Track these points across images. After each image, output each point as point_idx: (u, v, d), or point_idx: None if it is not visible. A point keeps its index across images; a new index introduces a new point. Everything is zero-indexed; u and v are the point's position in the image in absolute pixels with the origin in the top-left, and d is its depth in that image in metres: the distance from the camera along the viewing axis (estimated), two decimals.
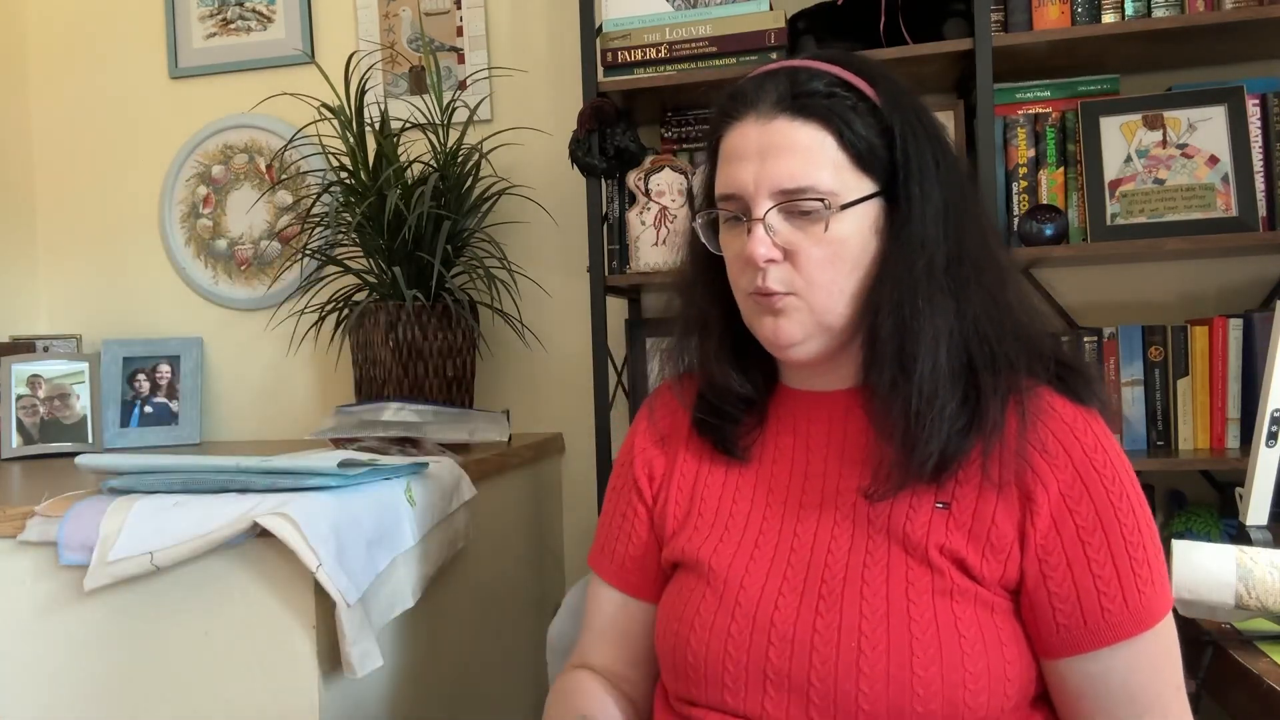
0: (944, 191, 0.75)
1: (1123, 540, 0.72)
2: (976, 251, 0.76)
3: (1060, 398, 0.75)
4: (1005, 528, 0.73)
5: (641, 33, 1.67)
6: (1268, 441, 1.10)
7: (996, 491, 0.73)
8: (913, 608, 0.72)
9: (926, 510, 0.74)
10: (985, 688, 0.71)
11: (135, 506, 1.03)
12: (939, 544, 0.73)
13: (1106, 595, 0.71)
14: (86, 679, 1.07)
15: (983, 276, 0.75)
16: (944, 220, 0.75)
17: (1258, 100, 1.56)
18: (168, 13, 2.16)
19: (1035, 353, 0.76)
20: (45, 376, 1.92)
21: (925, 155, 0.76)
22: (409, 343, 1.71)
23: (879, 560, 0.75)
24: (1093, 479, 0.73)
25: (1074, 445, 0.73)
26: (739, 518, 0.83)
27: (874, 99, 0.77)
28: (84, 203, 2.23)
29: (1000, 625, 0.73)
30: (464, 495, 1.37)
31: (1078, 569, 0.72)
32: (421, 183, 1.71)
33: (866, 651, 0.72)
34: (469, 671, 1.45)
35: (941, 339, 0.73)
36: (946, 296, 0.74)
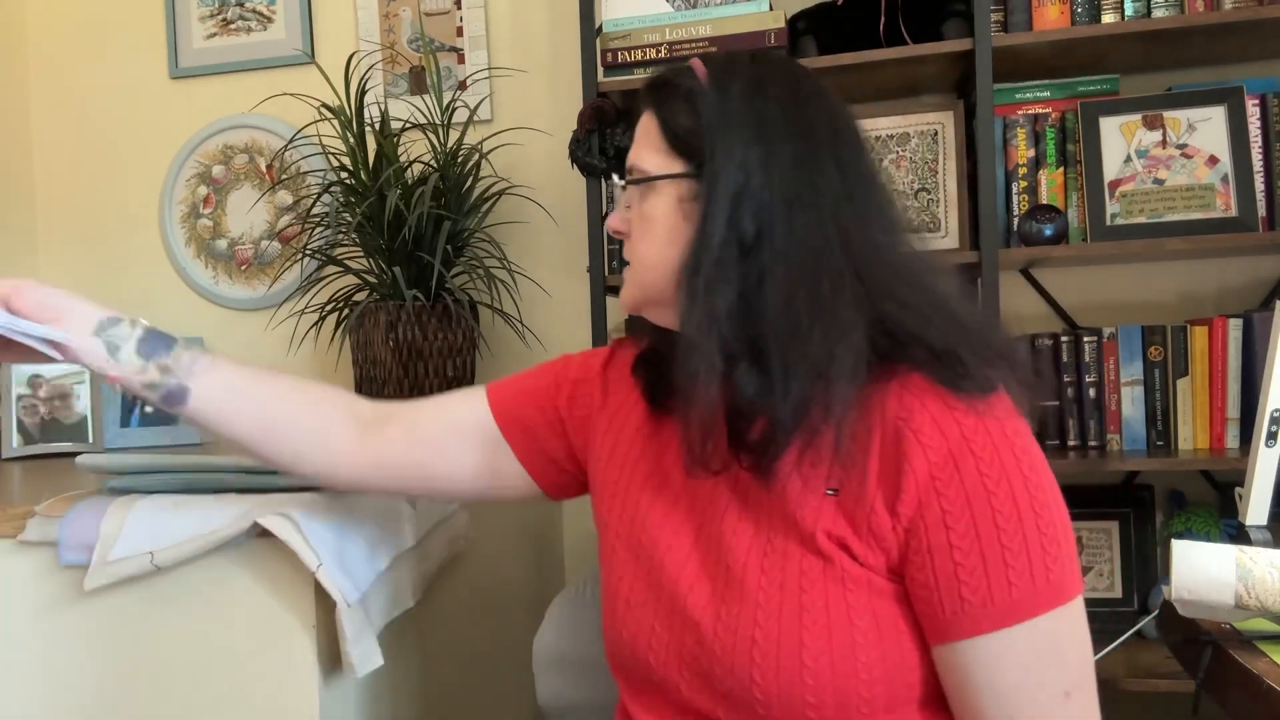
0: (744, 177, 0.74)
1: (995, 529, 0.68)
2: (800, 238, 0.73)
3: (938, 385, 0.72)
4: (882, 514, 0.71)
5: (641, 33, 1.67)
6: (1267, 441, 1.10)
7: (878, 474, 0.71)
8: (805, 596, 0.71)
9: (817, 496, 0.73)
10: (881, 678, 0.70)
11: (135, 506, 1.03)
12: (826, 530, 0.72)
13: (968, 585, 0.68)
14: (86, 679, 1.07)
15: (801, 261, 0.72)
16: (737, 205, 0.73)
17: (1257, 100, 1.56)
18: (168, 13, 2.16)
19: (916, 342, 0.72)
20: (46, 376, 1.92)
21: (728, 141, 0.75)
22: (409, 343, 1.71)
23: (778, 548, 0.74)
24: (967, 459, 0.69)
25: (951, 428, 0.70)
26: (654, 488, 0.84)
27: (703, 86, 0.78)
28: (84, 203, 2.23)
29: (897, 612, 0.71)
30: None
31: (939, 555, 0.69)
32: (421, 183, 1.71)
33: (759, 641, 0.72)
34: (469, 671, 1.45)
35: (715, 317, 0.72)
36: (724, 282, 0.73)
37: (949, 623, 0.69)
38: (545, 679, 1.15)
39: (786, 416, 0.71)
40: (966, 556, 0.68)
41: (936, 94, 1.78)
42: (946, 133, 1.66)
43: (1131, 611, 1.65)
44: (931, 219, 1.67)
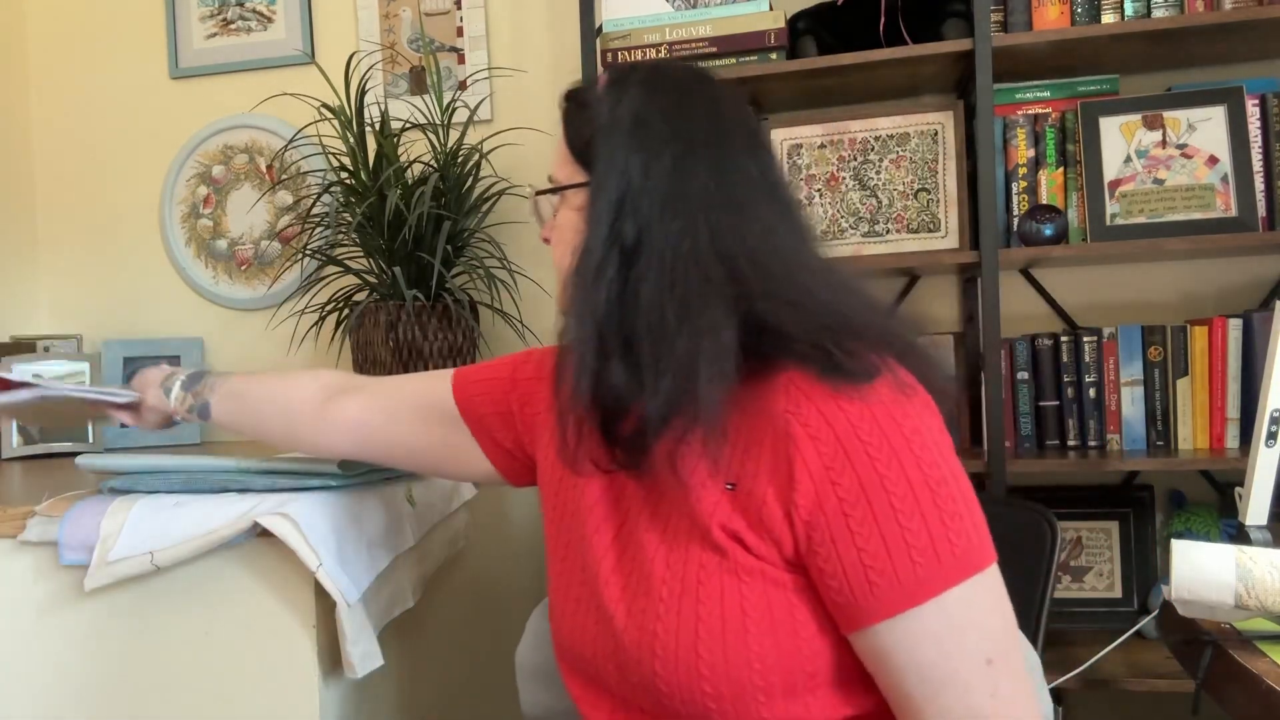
0: (625, 183, 0.76)
1: (891, 509, 0.69)
2: (674, 241, 0.74)
3: (827, 375, 0.73)
4: (774, 507, 0.72)
5: (641, 33, 1.67)
6: (1267, 441, 1.10)
7: (771, 467, 0.73)
8: (701, 589, 0.73)
9: (716, 491, 0.75)
10: (775, 666, 0.71)
11: (135, 506, 1.03)
12: (721, 524, 0.74)
13: (874, 569, 0.69)
14: (87, 679, 1.07)
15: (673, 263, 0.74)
16: (619, 210, 0.76)
17: (1257, 100, 1.56)
18: (168, 13, 2.16)
19: (799, 337, 0.73)
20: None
21: (613, 148, 0.77)
22: (409, 343, 1.71)
23: (681, 543, 0.76)
24: (855, 448, 0.70)
25: (838, 417, 0.71)
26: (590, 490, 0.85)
27: (598, 98, 0.81)
28: (84, 203, 2.23)
29: (795, 603, 0.72)
30: (464, 495, 1.37)
31: (841, 543, 0.69)
32: (422, 183, 1.71)
33: (660, 634, 0.74)
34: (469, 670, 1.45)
35: (593, 316, 0.75)
36: (603, 283, 0.75)
37: (861, 608, 0.70)
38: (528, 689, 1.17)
39: (654, 413, 0.73)
40: (868, 541, 0.69)
41: (936, 94, 1.78)
42: (946, 133, 1.66)
43: (1131, 611, 1.65)
44: (931, 219, 1.67)
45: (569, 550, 0.86)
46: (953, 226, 1.66)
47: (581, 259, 0.77)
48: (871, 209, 1.69)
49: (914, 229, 1.67)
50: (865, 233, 1.69)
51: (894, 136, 1.68)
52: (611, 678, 0.79)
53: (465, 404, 1.00)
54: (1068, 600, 1.68)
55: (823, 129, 1.71)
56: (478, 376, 1.02)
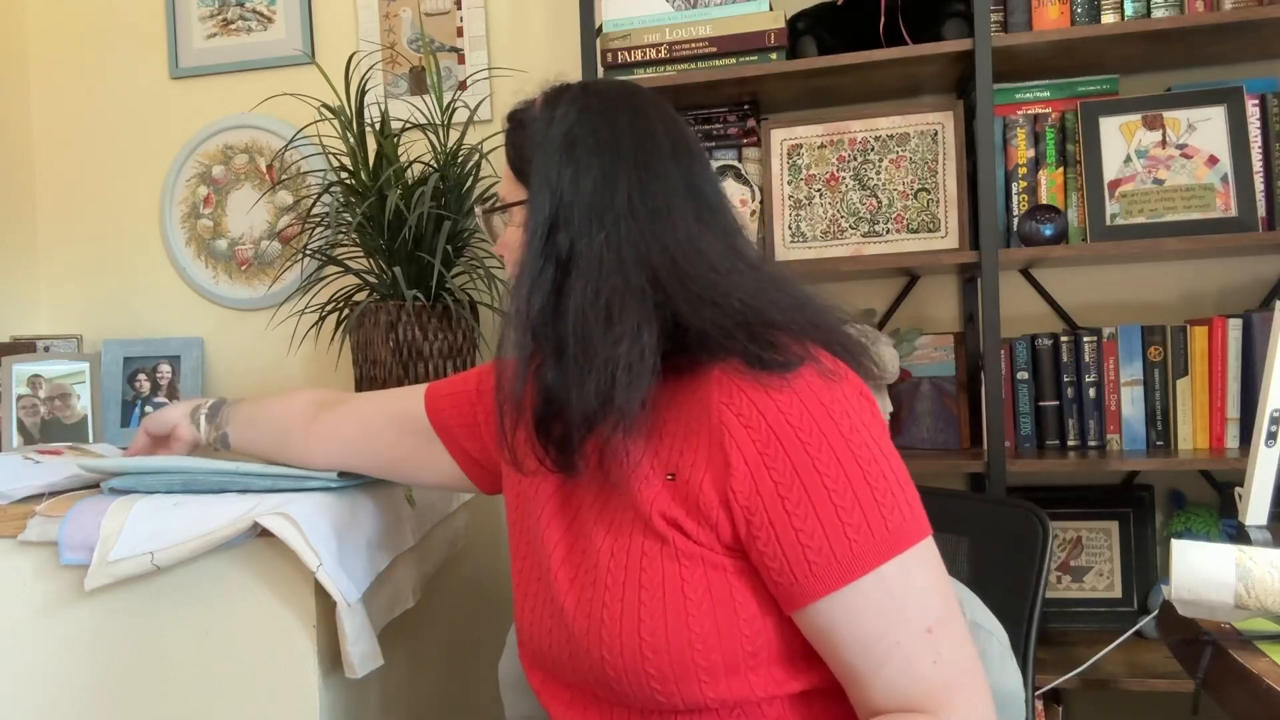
0: (556, 198, 0.80)
1: (824, 490, 0.72)
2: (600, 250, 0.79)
3: (754, 368, 0.76)
4: (710, 494, 0.75)
5: (641, 33, 1.67)
6: (1267, 441, 1.10)
7: (707, 458, 0.76)
8: (644, 575, 0.76)
9: (658, 482, 0.78)
10: (716, 645, 0.74)
11: (135, 506, 1.03)
12: (661, 512, 0.77)
13: (811, 549, 0.72)
14: (86, 679, 1.07)
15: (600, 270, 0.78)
16: (551, 225, 0.80)
17: (1257, 100, 1.56)
18: (168, 13, 2.16)
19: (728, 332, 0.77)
20: (46, 376, 1.92)
21: (546, 165, 0.82)
22: (409, 343, 1.71)
23: (625, 533, 0.79)
24: (787, 434, 0.73)
25: (768, 406, 0.74)
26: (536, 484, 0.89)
27: (534, 117, 0.86)
28: (84, 203, 2.23)
29: (734, 584, 0.75)
30: (464, 495, 1.37)
31: (779, 526, 0.73)
32: (422, 183, 1.71)
33: (606, 621, 0.77)
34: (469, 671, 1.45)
35: (527, 323, 0.79)
36: (537, 292, 0.79)
37: (802, 587, 0.73)
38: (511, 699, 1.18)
39: (579, 414, 0.77)
40: (804, 522, 0.72)
41: (936, 94, 1.78)
42: (946, 133, 1.66)
43: (1131, 611, 1.65)
44: (931, 219, 1.67)
45: (529, 549, 0.89)
46: (953, 226, 1.66)
47: (520, 271, 0.81)
48: (871, 209, 1.69)
49: (914, 229, 1.67)
50: (865, 233, 1.69)
51: (894, 136, 1.68)
52: (566, 668, 0.82)
53: (435, 417, 1.05)
54: (1068, 600, 1.68)
55: (823, 129, 1.71)
56: (447, 390, 1.06)
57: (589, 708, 0.83)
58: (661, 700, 0.76)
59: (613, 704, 0.80)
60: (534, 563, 0.88)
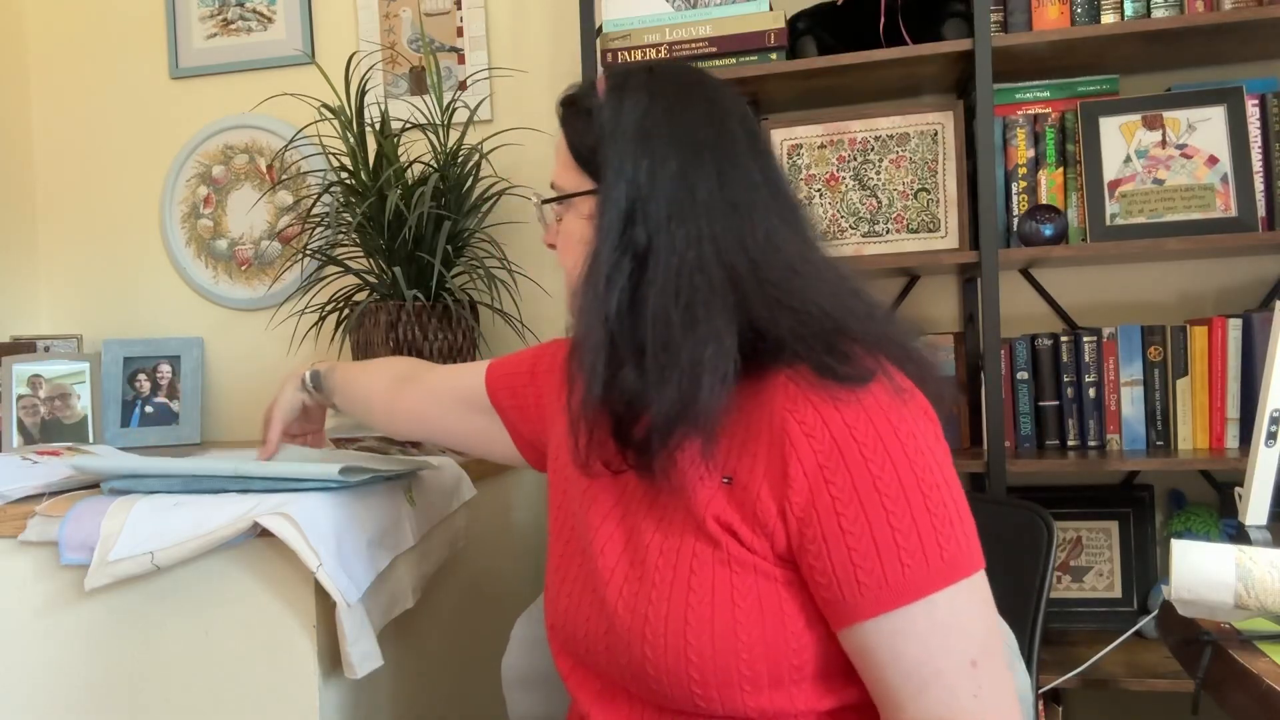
0: (634, 192, 0.77)
1: (883, 511, 0.70)
2: (681, 248, 0.76)
3: (824, 378, 0.74)
4: (768, 502, 0.73)
5: (641, 33, 1.67)
6: (1267, 441, 1.10)
7: (766, 464, 0.74)
8: (694, 578, 0.75)
9: (713, 485, 0.77)
10: (762, 656, 0.72)
11: (136, 506, 1.03)
12: (715, 516, 0.75)
13: (862, 569, 0.70)
14: (87, 679, 1.07)
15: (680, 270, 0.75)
16: (629, 219, 0.77)
17: (1257, 100, 1.56)
18: (168, 13, 2.16)
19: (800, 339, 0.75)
20: (46, 376, 1.92)
21: (620, 156, 0.78)
22: (409, 343, 1.71)
23: (676, 531, 0.77)
24: (851, 449, 0.71)
25: (835, 419, 0.72)
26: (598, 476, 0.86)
27: (600, 105, 0.81)
28: (84, 203, 2.23)
29: (784, 596, 0.74)
30: (464, 495, 1.37)
31: (832, 541, 0.71)
32: (422, 183, 1.71)
33: (651, 619, 0.75)
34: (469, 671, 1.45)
35: (604, 322, 0.76)
36: (614, 290, 0.77)
37: (849, 606, 0.71)
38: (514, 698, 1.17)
39: (661, 418, 0.75)
40: (859, 540, 0.70)
41: (936, 94, 1.78)
42: (946, 133, 1.66)
43: (1131, 611, 1.65)
44: (931, 219, 1.67)
45: (572, 534, 0.88)
46: (953, 226, 1.66)
47: (592, 267, 0.78)
48: (871, 209, 1.69)
49: (914, 229, 1.67)
50: (865, 233, 1.69)
51: (894, 136, 1.68)
52: (601, 658, 0.81)
53: (494, 396, 1.07)
54: (1068, 600, 1.68)
55: (823, 129, 1.71)
56: (505, 370, 1.07)
57: (618, 700, 0.82)
58: (701, 705, 0.74)
59: (645, 701, 0.79)
60: (576, 549, 0.87)
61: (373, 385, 1.19)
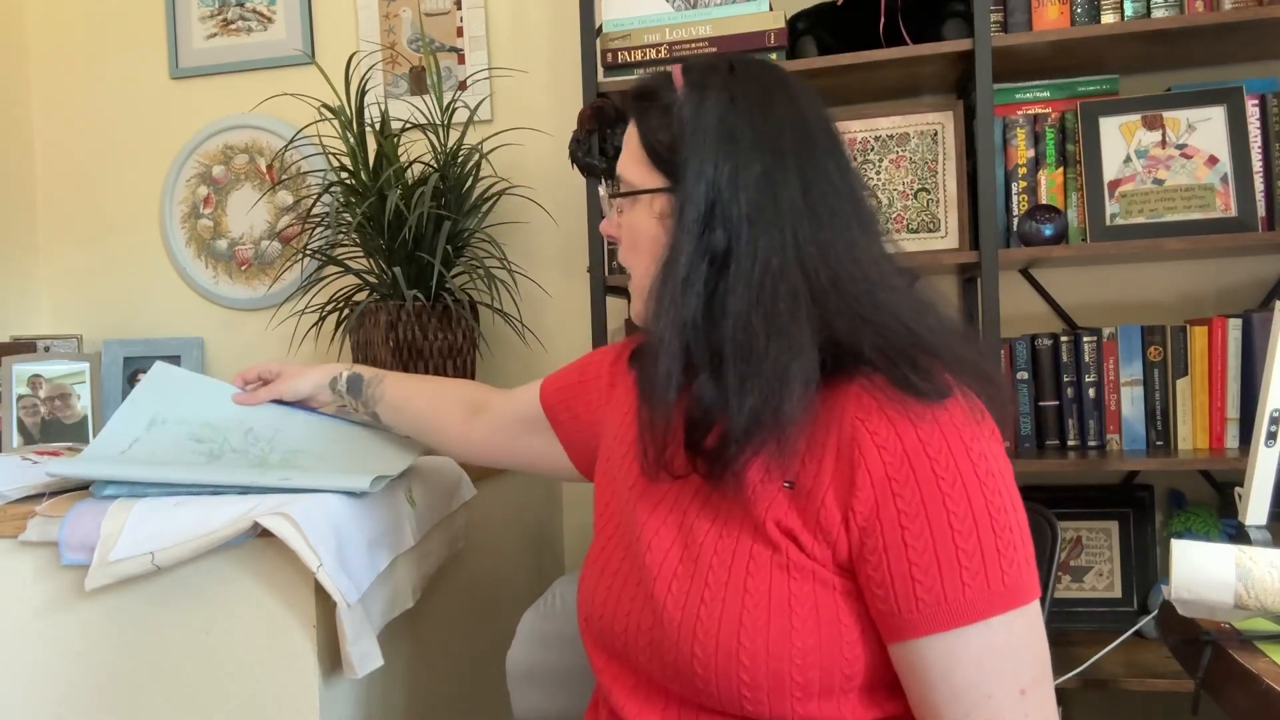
0: (714, 194, 0.76)
1: (949, 529, 0.69)
2: (763, 254, 0.75)
3: (902, 391, 0.74)
4: (832, 509, 0.73)
5: (641, 33, 1.67)
6: (1267, 441, 1.10)
7: (833, 471, 0.74)
8: (750, 580, 0.74)
9: (774, 488, 0.76)
10: (815, 664, 0.72)
11: (136, 507, 1.03)
12: (776, 520, 0.75)
13: (922, 585, 0.69)
14: (87, 679, 1.07)
15: (762, 276, 0.75)
16: (708, 221, 0.76)
17: (1257, 100, 1.56)
18: (168, 13, 2.16)
19: (877, 349, 0.74)
20: (46, 376, 1.92)
21: (701, 157, 0.77)
22: (409, 343, 1.71)
23: (732, 532, 0.77)
24: (922, 464, 0.70)
25: (908, 432, 0.71)
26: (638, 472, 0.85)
27: (679, 101, 0.80)
28: (84, 203, 2.23)
29: (841, 606, 0.73)
30: (464, 495, 1.37)
31: (893, 554, 0.70)
32: (422, 183, 1.71)
33: (704, 618, 0.74)
34: (468, 671, 1.45)
35: (680, 328, 0.76)
36: (691, 295, 0.76)
37: (905, 621, 0.70)
38: (519, 693, 1.17)
39: (739, 428, 0.74)
40: (921, 556, 0.70)
41: (936, 94, 1.78)
42: (946, 133, 1.66)
43: (1131, 611, 1.65)
44: (931, 219, 1.67)
45: (616, 530, 0.88)
46: (953, 226, 1.66)
47: (668, 270, 0.77)
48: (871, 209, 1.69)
49: (914, 229, 1.67)
50: None
51: (894, 136, 1.68)
52: (643, 655, 0.80)
53: (549, 411, 1.07)
54: (1068, 600, 1.68)
55: None
56: (556, 384, 1.07)
57: (655, 698, 0.80)
58: (748, 708, 0.73)
59: (685, 700, 0.78)
60: (620, 544, 0.86)
61: (444, 413, 1.17)
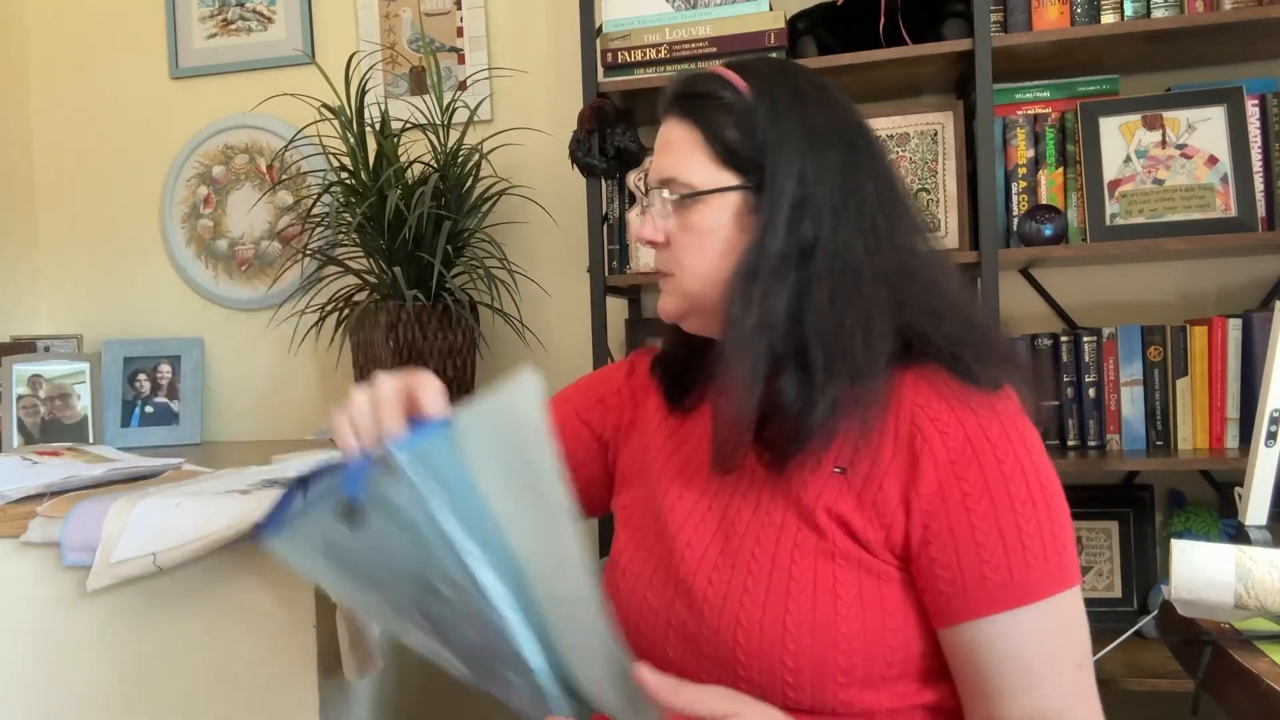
0: (802, 188, 0.78)
1: (1012, 511, 0.72)
2: (846, 245, 0.77)
3: (953, 377, 0.76)
4: (891, 493, 0.75)
5: (641, 33, 1.67)
6: (1267, 441, 1.10)
7: (890, 456, 0.75)
8: (795, 567, 0.75)
9: (824, 474, 0.77)
10: (859, 650, 0.73)
11: (138, 507, 1.03)
12: (827, 506, 0.76)
13: (989, 565, 0.72)
14: (88, 679, 1.07)
15: (845, 267, 0.77)
16: (796, 215, 0.77)
17: (1257, 100, 1.56)
18: (168, 13, 2.16)
19: (934, 339, 0.77)
20: (46, 376, 1.92)
21: (785, 154, 0.78)
22: (409, 343, 1.71)
23: (775, 521, 0.78)
24: (984, 447, 0.73)
25: (969, 419, 0.74)
26: (672, 473, 0.87)
27: (748, 100, 0.81)
28: (84, 203, 2.23)
29: (885, 593, 0.74)
30: None
31: (961, 536, 0.72)
32: (422, 183, 1.71)
33: (746, 605, 0.75)
34: None
35: (768, 324, 0.76)
36: (781, 289, 0.77)
37: (969, 601, 0.72)
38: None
39: (819, 417, 0.75)
40: (986, 537, 0.72)
41: (936, 94, 1.78)
42: (946, 133, 1.66)
43: (1131, 611, 1.65)
44: (931, 219, 1.67)
45: (641, 523, 0.87)
46: (953, 226, 1.66)
47: (752, 264, 0.78)
48: None
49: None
50: None
51: (894, 136, 1.68)
52: (675, 649, 0.79)
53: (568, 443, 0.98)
54: None
55: None
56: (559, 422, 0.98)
57: None
58: (790, 695, 0.74)
59: None
60: (645, 544, 0.85)
61: None
